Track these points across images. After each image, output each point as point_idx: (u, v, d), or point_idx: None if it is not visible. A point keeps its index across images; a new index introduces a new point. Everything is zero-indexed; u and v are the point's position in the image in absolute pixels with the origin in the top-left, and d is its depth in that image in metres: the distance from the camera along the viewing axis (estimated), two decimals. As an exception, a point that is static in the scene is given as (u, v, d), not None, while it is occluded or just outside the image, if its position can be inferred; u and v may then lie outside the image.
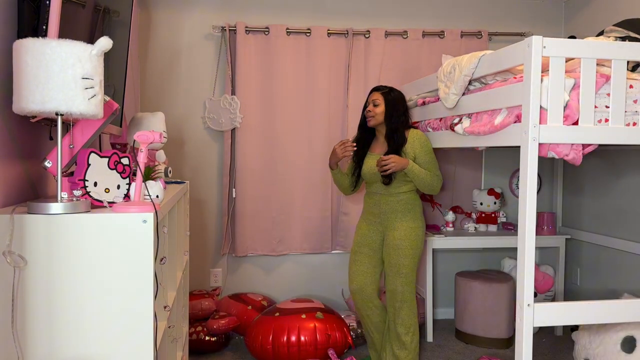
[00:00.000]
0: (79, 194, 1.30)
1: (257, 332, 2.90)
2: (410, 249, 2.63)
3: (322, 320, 2.94)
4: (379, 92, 2.69)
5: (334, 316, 3.04)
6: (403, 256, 2.63)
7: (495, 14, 3.78)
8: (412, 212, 2.68)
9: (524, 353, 1.80)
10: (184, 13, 3.44)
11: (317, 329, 2.89)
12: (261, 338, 2.87)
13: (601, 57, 1.82)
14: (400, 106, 2.67)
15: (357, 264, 2.75)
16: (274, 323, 2.90)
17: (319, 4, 3.58)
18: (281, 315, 2.96)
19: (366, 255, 2.74)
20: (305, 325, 2.89)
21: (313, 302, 3.16)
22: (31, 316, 1.22)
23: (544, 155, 1.85)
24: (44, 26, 1.31)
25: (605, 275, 3.35)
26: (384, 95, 2.67)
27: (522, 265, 1.80)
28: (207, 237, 3.54)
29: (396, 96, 2.68)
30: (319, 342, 2.86)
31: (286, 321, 2.91)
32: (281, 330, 2.86)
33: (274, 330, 2.87)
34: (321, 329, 2.90)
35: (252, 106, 3.43)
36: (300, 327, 2.88)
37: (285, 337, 2.84)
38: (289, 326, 2.88)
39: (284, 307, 3.07)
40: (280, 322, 2.91)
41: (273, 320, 2.93)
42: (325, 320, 2.95)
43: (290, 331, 2.86)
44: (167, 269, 1.98)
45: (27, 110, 1.19)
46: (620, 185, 3.23)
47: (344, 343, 2.94)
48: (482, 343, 3.27)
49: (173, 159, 3.45)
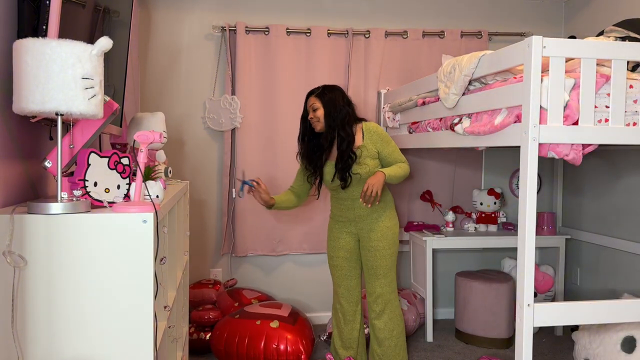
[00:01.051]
0: (79, 194, 1.30)
1: (218, 332, 2.89)
2: (388, 249, 2.57)
3: (275, 330, 2.82)
4: (313, 96, 2.57)
5: (291, 327, 2.87)
6: (381, 257, 2.57)
7: (495, 14, 3.78)
8: (387, 210, 2.61)
9: (524, 353, 1.80)
10: (184, 13, 3.44)
11: (266, 337, 2.80)
12: (218, 338, 2.86)
13: (601, 57, 1.82)
14: (339, 102, 2.53)
15: (337, 268, 2.70)
16: (230, 326, 2.88)
17: (319, 4, 3.58)
18: (240, 318, 2.91)
19: (344, 259, 2.69)
20: (256, 332, 2.82)
21: (280, 309, 3.03)
22: (31, 316, 1.22)
23: (544, 155, 1.85)
24: (44, 26, 1.31)
25: (605, 275, 3.35)
26: (319, 97, 2.54)
27: (522, 265, 1.80)
28: (207, 237, 3.54)
29: (332, 95, 2.54)
30: (267, 351, 2.77)
31: (241, 324, 2.86)
32: (233, 333, 2.83)
33: (227, 332, 2.84)
34: (270, 337, 2.80)
35: (252, 106, 3.43)
36: (250, 333, 2.82)
37: (236, 339, 2.80)
38: (241, 330, 2.83)
39: (247, 311, 3.00)
40: (235, 324, 2.87)
41: (231, 322, 2.90)
42: (278, 330, 2.82)
43: (241, 335, 2.81)
44: (167, 269, 1.98)
45: (27, 110, 1.19)
46: (620, 185, 3.23)
47: (294, 356, 2.79)
48: (482, 343, 3.27)
49: (173, 159, 3.45)
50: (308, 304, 3.63)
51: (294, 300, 3.64)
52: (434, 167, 3.71)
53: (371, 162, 2.53)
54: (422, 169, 3.70)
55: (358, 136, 2.56)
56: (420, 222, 3.65)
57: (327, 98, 2.54)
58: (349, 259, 2.69)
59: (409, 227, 3.63)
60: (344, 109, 2.53)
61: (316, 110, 2.54)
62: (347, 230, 2.67)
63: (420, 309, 3.44)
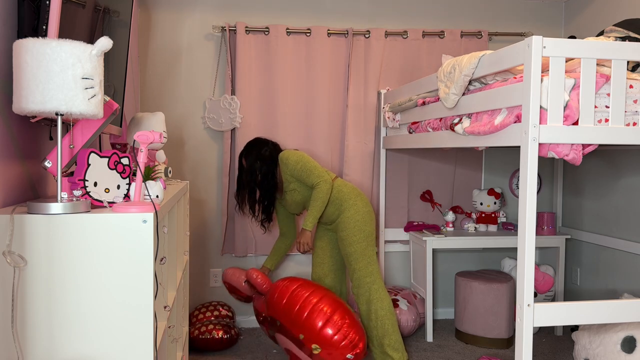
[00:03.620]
0: (79, 194, 1.30)
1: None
2: (352, 236, 2.79)
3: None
4: (241, 157, 2.98)
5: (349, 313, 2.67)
6: (348, 245, 2.80)
7: (495, 14, 3.78)
8: (343, 204, 2.83)
9: (524, 353, 1.80)
10: (184, 13, 3.44)
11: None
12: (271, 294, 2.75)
13: (601, 57, 1.82)
14: (259, 155, 2.91)
15: (315, 256, 3.04)
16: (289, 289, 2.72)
17: (319, 4, 3.58)
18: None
19: (320, 249, 3.02)
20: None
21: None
22: (31, 316, 1.22)
23: (544, 155, 1.85)
24: (44, 26, 1.31)
25: (605, 275, 3.35)
26: (244, 157, 2.95)
27: (522, 265, 1.80)
28: (207, 237, 3.55)
29: (252, 152, 2.93)
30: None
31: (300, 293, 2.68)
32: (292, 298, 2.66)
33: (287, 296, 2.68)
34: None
35: (252, 106, 3.43)
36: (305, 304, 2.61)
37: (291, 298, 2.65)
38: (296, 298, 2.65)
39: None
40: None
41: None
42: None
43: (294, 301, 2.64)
44: (167, 269, 1.98)
45: (27, 110, 1.19)
46: (620, 185, 3.23)
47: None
48: (482, 343, 3.27)
49: (173, 159, 3.46)
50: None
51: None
52: (434, 167, 3.71)
53: (294, 186, 2.87)
54: (422, 169, 3.70)
55: (279, 172, 2.93)
56: (420, 222, 3.65)
57: (252, 156, 2.93)
58: (324, 248, 3.02)
59: (409, 227, 3.63)
60: (265, 154, 2.91)
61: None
62: (326, 228, 3.01)
63: (420, 309, 3.44)
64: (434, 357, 3.12)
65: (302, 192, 2.87)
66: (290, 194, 2.89)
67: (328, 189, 2.78)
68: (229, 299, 3.56)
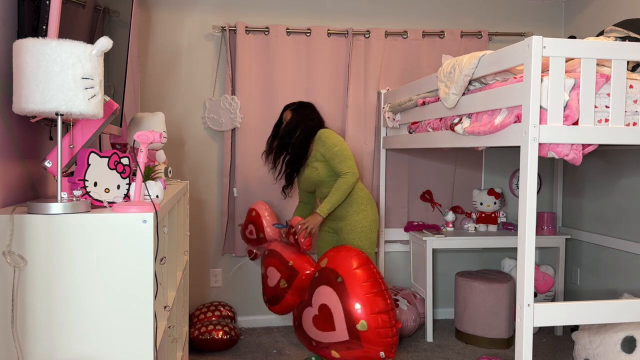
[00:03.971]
0: (79, 194, 1.30)
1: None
2: (357, 241, 2.75)
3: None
4: (289, 109, 2.92)
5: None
6: None
7: (495, 14, 3.78)
8: (354, 206, 2.77)
9: (524, 353, 1.80)
10: (184, 13, 3.44)
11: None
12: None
13: (601, 57, 1.82)
14: (308, 117, 2.86)
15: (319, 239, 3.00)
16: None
17: (319, 4, 3.58)
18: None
19: (321, 252, 2.97)
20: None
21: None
22: (31, 316, 1.22)
23: (544, 155, 1.85)
24: (44, 26, 1.31)
25: (605, 275, 3.35)
26: (293, 111, 2.89)
27: (522, 265, 1.80)
28: (207, 237, 3.55)
29: (304, 110, 2.89)
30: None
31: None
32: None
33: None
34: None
35: (252, 106, 3.43)
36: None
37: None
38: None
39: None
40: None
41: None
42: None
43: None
44: (167, 269, 1.98)
45: (27, 110, 1.19)
46: (620, 185, 3.23)
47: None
48: (482, 343, 3.27)
49: (173, 159, 3.46)
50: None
51: (294, 300, 3.64)
52: (434, 167, 3.71)
53: (319, 165, 2.79)
54: (422, 169, 3.70)
55: (311, 146, 2.85)
56: (420, 222, 3.65)
57: (300, 112, 2.88)
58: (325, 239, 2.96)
59: (409, 227, 3.63)
60: (310, 122, 2.85)
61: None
62: (329, 226, 2.92)
63: (420, 309, 3.44)
64: (434, 357, 3.12)
65: (320, 174, 2.79)
66: (309, 170, 2.82)
67: (353, 183, 2.71)
68: (230, 299, 3.56)
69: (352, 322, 2.37)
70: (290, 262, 2.75)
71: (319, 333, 2.48)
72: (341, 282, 2.44)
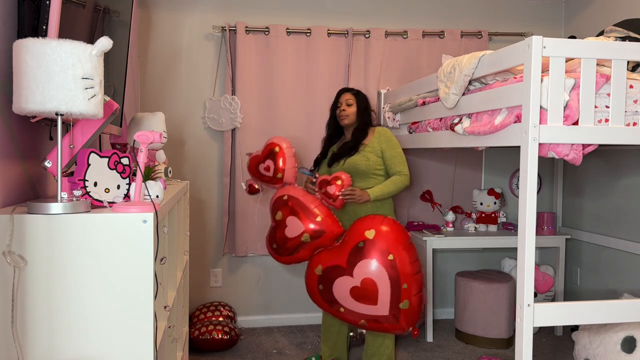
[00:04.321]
0: (79, 194, 1.30)
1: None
2: None
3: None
4: (350, 93, 2.83)
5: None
6: None
7: (495, 14, 3.78)
8: (380, 210, 2.67)
9: (524, 353, 1.80)
10: (184, 13, 3.44)
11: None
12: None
13: (601, 57, 1.82)
14: (369, 106, 2.85)
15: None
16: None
17: (319, 4, 3.58)
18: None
19: None
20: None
21: None
22: (31, 316, 1.22)
23: (544, 155, 1.85)
24: (44, 26, 1.31)
25: (605, 275, 3.35)
26: (355, 95, 2.82)
27: (522, 265, 1.80)
28: (207, 237, 3.55)
29: (365, 97, 2.86)
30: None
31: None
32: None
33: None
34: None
35: (252, 106, 3.43)
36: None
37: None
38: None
39: None
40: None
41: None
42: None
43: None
44: (167, 269, 1.98)
45: (27, 110, 1.19)
46: (620, 185, 3.23)
47: None
48: (482, 343, 3.27)
49: (173, 159, 3.45)
50: (308, 304, 3.62)
51: (294, 300, 3.64)
52: (434, 167, 3.71)
53: (372, 157, 2.69)
54: (422, 169, 3.70)
55: (369, 137, 2.75)
56: (420, 222, 3.65)
57: (361, 98, 2.82)
58: None
59: (409, 227, 3.63)
60: (370, 115, 2.83)
61: (350, 106, 2.79)
62: (341, 218, 2.69)
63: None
64: (434, 357, 3.12)
65: (369, 166, 2.67)
66: (360, 157, 2.68)
67: (405, 186, 2.69)
68: (230, 300, 3.56)
69: (397, 301, 2.32)
70: (318, 217, 2.56)
71: (356, 304, 2.40)
72: (392, 260, 2.34)
